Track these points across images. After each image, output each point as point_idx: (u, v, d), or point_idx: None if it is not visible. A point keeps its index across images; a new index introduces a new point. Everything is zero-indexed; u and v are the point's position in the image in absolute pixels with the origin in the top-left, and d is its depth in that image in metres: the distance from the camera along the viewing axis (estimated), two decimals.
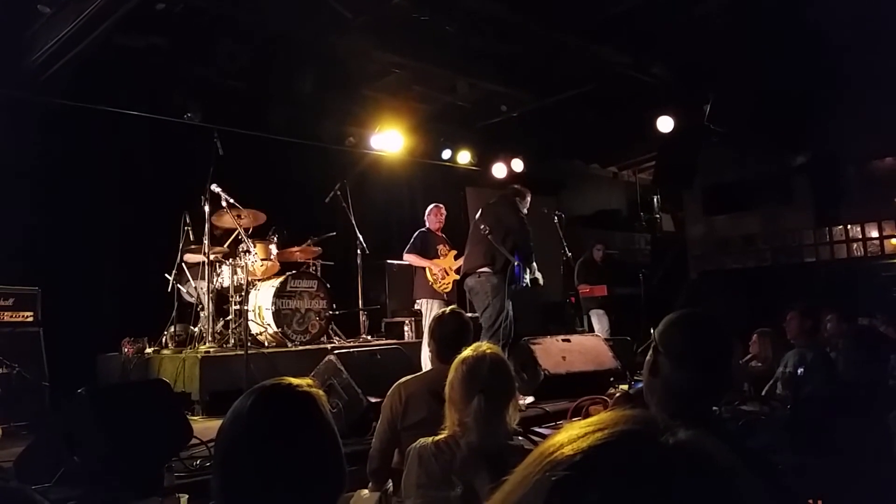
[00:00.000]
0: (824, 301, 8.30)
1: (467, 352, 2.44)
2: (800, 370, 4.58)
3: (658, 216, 13.87)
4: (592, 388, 5.73)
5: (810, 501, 3.14)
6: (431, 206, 7.28)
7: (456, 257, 6.95)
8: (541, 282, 6.31)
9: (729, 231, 13.81)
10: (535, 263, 6.10)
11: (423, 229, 7.13)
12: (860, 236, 12.41)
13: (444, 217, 7.22)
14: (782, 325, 5.37)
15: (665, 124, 9.13)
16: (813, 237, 12.82)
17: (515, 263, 5.80)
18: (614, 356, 6.65)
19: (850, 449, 3.01)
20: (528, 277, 6.05)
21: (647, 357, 1.91)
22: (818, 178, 12.21)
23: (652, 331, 1.92)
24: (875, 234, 12.30)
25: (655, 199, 13.69)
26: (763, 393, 4.78)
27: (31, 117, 6.36)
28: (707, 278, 13.67)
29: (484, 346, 2.49)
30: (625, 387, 6.14)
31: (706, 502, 0.54)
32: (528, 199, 6.30)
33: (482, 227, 5.97)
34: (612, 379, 6.39)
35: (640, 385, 5.84)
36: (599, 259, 9.65)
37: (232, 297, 6.62)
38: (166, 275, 6.68)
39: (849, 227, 12.49)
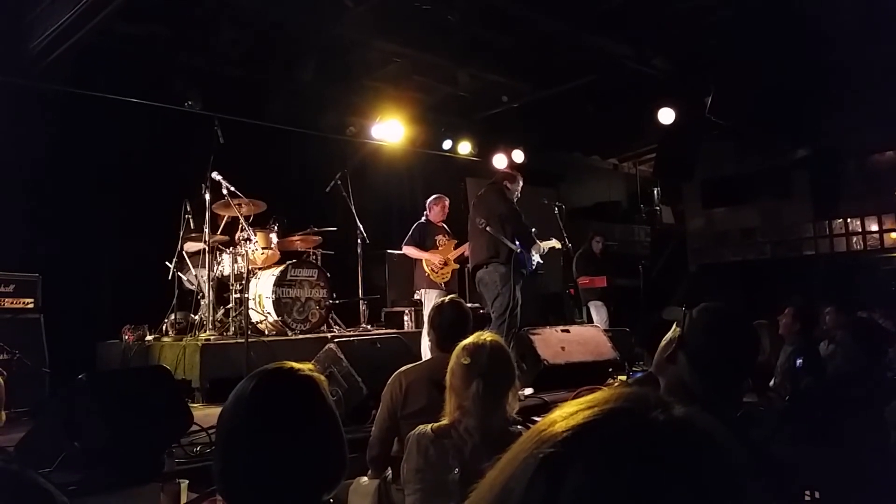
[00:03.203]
0: (823, 294, 8.33)
1: (468, 340, 2.45)
2: (798, 361, 4.60)
3: (658, 208, 13.86)
4: (591, 379, 5.74)
5: (808, 492, 3.17)
6: (434, 197, 7.23)
7: (457, 246, 6.95)
8: (557, 246, 6.47)
9: (728, 224, 13.83)
10: (538, 242, 6.11)
11: (422, 220, 7.12)
12: (860, 230, 12.43)
13: (447, 209, 7.20)
14: (779, 318, 5.39)
15: (666, 116, 9.11)
16: (812, 230, 12.85)
17: (518, 250, 5.81)
18: (613, 347, 6.67)
19: (848, 440, 3.02)
20: (535, 259, 6.07)
21: (669, 337, 1.90)
22: (818, 171, 12.22)
23: (683, 309, 1.91)
24: (875, 227, 12.33)
25: (655, 192, 13.68)
26: (771, 385, 4.79)
27: (31, 104, 6.35)
28: (706, 271, 13.70)
29: (485, 334, 2.50)
30: (623, 377, 6.17)
31: (695, 478, 0.54)
32: (520, 181, 6.28)
33: (478, 220, 5.98)
34: (610, 369, 6.41)
35: (639, 375, 5.86)
36: (598, 251, 9.65)
37: (232, 285, 6.62)
38: (167, 262, 6.69)
39: (848, 220, 12.51)
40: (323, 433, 1.42)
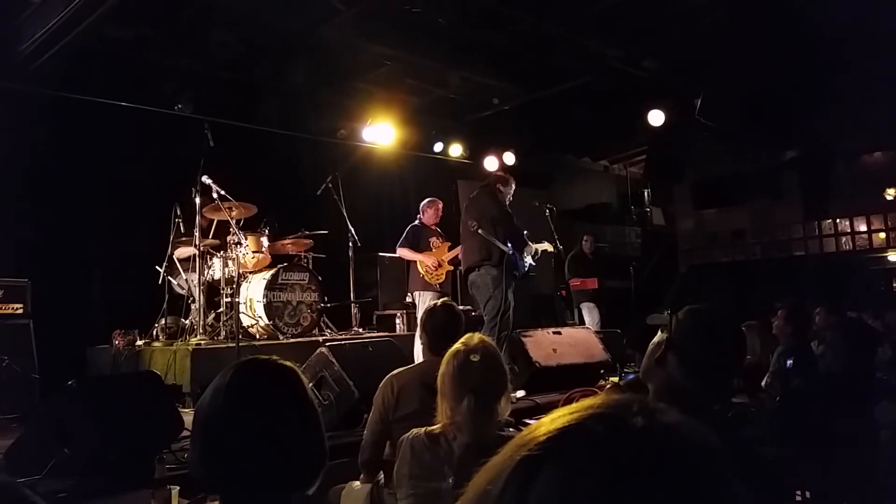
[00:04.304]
0: (813, 295, 8.37)
1: (458, 345, 2.40)
2: (789, 362, 4.62)
3: (648, 210, 13.92)
4: (583, 381, 5.76)
5: (799, 492, 3.18)
6: (428, 200, 7.24)
7: (450, 248, 6.96)
8: (549, 249, 6.53)
9: (719, 225, 13.91)
10: (530, 244, 6.13)
11: (416, 223, 7.13)
12: (849, 230, 12.52)
13: (441, 212, 7.21)
14: (770, 319, 5.42)
15: (656, 118, 9.15)
16: (802, 231, 12.93)
17: (510, 252, 5.82)
18: (605, 349, 6.68)
19: (839, 440, 3.04)
20: (527, 261, 6.09)
21: (656, 341, 1.91)
22: (808, 172, 12.30)
23: (667, 314, 1.92)
24: (863, 228, 12.42)
25: (646, 193, 13.74)
26: (762, 386, 4.81)
27: (20, 108, 6.30)
28: (697, 272, 13.75)
29: (476, 338, 2.46)
30: (615, 379, 6.18)
31: (673, 485, 0.53)
32: (512, 184, 6.30)
33: (470, 223, 5.99)
34: (602, 371, 6.42)
35: (631, 377, 5.88)
36: (588, 251, 9.67)
37: (223, 289, 6.60)
38: (157, 267, 6.65)
39: (837, 221, 12.60)
40: (301, 422, 1.42)
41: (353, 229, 7.70)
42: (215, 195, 6.49)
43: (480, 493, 0.58)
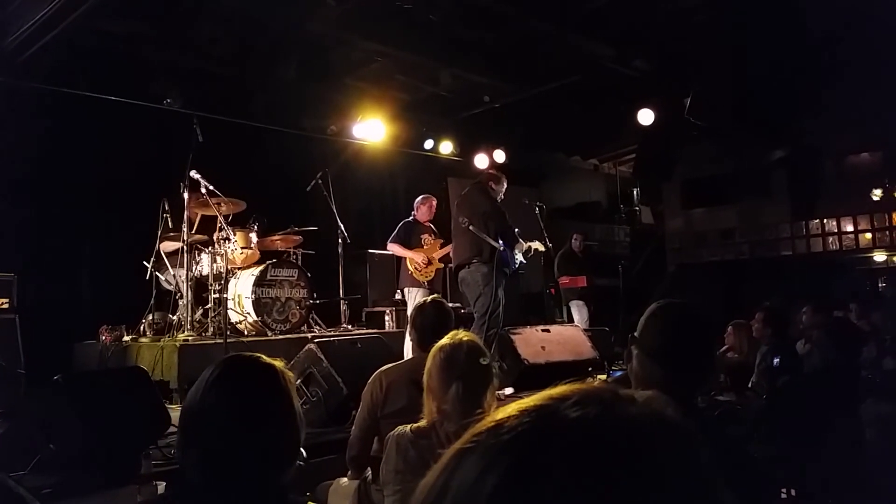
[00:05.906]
0: (800, 294, 8.43)
1: (444, 340, 2.44)
2: (775, 361, 4.65)
3: (637, 209, 13.96)
4: (571, 379, 5.77)
5: (784, 490, 3.20)
6: (422, 196, 7.22)
7: (442, 246, 6.94)
8: (541, 249, 6.55)
9: (707, 224, 13.97)
10: (521, 241, 6.13)
11: (409, 219, 7.12)
12: (836, 230, 12.62)
13: (434, 209, 7.20)
14: (751, 322, 5.47)
15: (645, 117, 9.17)
16: (790, 231, 13.02)
17: (501, 248, 5.82)
18: (593, 346, 6.70)
19: (824, 439, 3.06)
20: (518, 258, 6.09)
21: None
22: (796, 172, 12.37)
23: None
24: (850, 228, 12.52)
25: (635, 192, 13.78)
26: (749, 385, 4.85)
27: (7, 101, 6.25)
28: (685, 271, 13.82)
29: (461, 333, 2.49)
30: (603, 377, 6.20)
31: (589, 481, 0.48)
32: (504, 182, 6.30)
33: (461, 219, 5.98)
34: (590, 369, 6.43)
35: (619, 374, 5.90)
36: (578, 249, 9.70)
37: (211, 285, 6.56)
38: (144, 262, 6.61)
39: (825, 221, 12.69)
40: (276, 419, 1.47)
41: (342, 226, 7.68)
42: (204, 190, 6.45)
43: (422, 486, 0.56)
